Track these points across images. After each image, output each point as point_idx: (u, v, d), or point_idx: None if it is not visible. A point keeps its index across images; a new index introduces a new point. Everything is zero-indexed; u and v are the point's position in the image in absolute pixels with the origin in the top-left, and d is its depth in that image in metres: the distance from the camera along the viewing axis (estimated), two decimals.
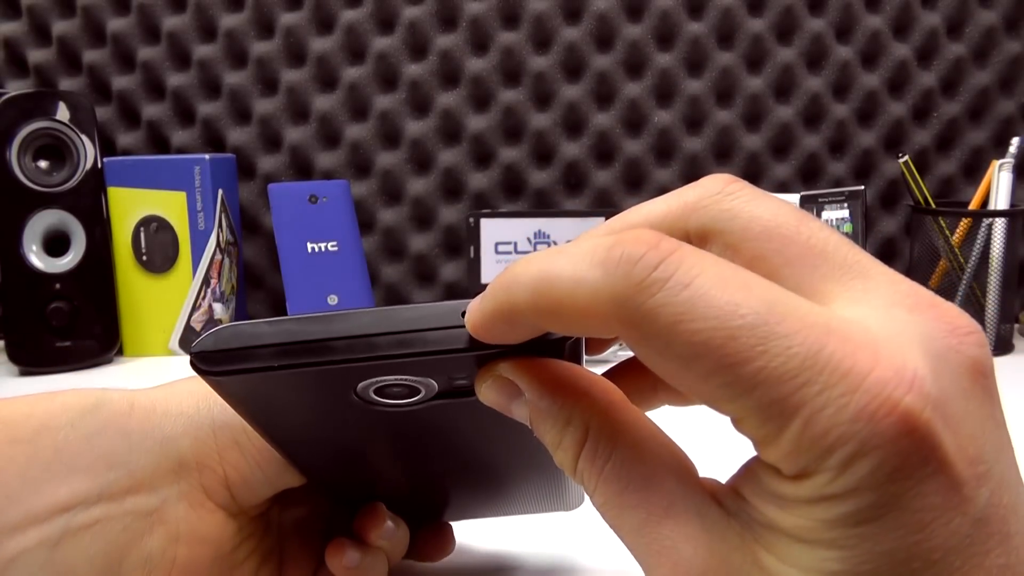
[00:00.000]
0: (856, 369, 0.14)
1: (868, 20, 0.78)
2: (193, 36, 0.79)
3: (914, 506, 0.14)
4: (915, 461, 0.14)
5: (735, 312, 0.14)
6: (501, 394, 0.19)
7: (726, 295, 0.14)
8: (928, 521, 0.14)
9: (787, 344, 0.14)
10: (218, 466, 0.25)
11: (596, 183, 0.81)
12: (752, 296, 0.14)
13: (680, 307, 0.14)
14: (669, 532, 0.16)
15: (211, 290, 0.73)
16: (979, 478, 0.15)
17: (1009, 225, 0.68)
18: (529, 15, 0.78)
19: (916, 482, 0.14)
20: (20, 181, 0.67)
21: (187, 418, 0.25)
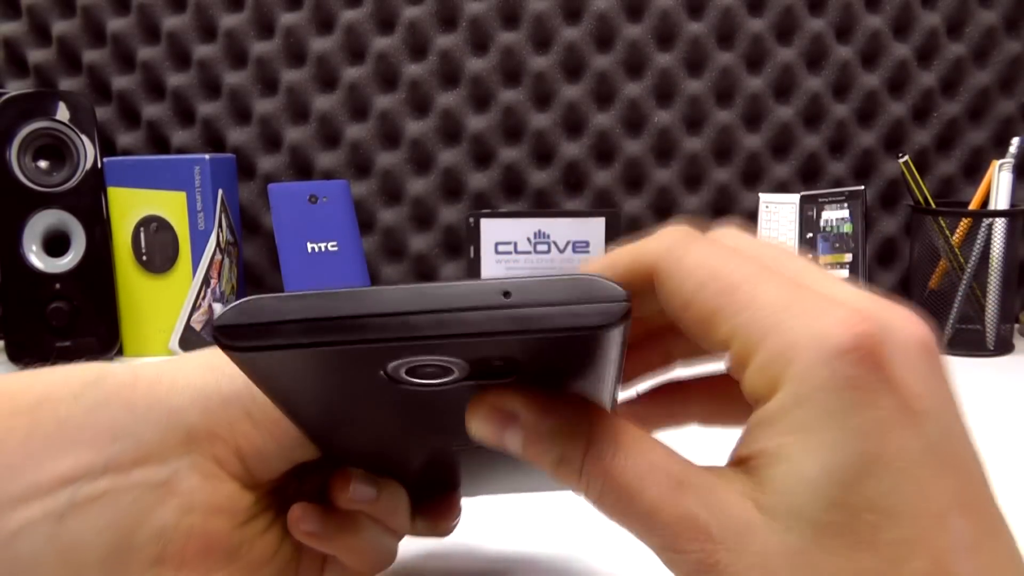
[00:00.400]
0: (822, 306, 0.18)
1: (868, 20, 0.78)
2: (193, 36, 0.79)
3: (868, 414, 0.17)
4: (866, 373, 0.17)
5: (741, 263, 0.19)
6: (493, 425, 0.20)
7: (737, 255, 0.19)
8: (884, 430, 0.17)
9: (775, 284, 0.18)
10: (230, 437, 0.25)
11: (596, 183, 0.81)
12: (753, 263, 0.19)
13: (704, 254, 0.19)
14: (684, 504, 0.18)
15: (211, 290, 0.73)
16: (926, 413, 0.17)
17: (1009, 225, 0.68)
18: (529, 15, 0.78)
19: (868, 393, 0.17)
20: (20, 181, 0.67)
21: (195, 389, 0.24)
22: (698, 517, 0.18)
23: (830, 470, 0.17)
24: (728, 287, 0.19)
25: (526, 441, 0.20)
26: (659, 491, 0.18)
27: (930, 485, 0.17)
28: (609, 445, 0.19)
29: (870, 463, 0.17)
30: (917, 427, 0.17)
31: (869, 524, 0.17)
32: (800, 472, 0.17)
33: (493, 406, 0.20)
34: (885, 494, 0.17)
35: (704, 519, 0.18)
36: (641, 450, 0.19)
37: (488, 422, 0.21)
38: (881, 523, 0.17)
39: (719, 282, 0.19)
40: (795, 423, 0.17)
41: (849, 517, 0.17)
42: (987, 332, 0.70)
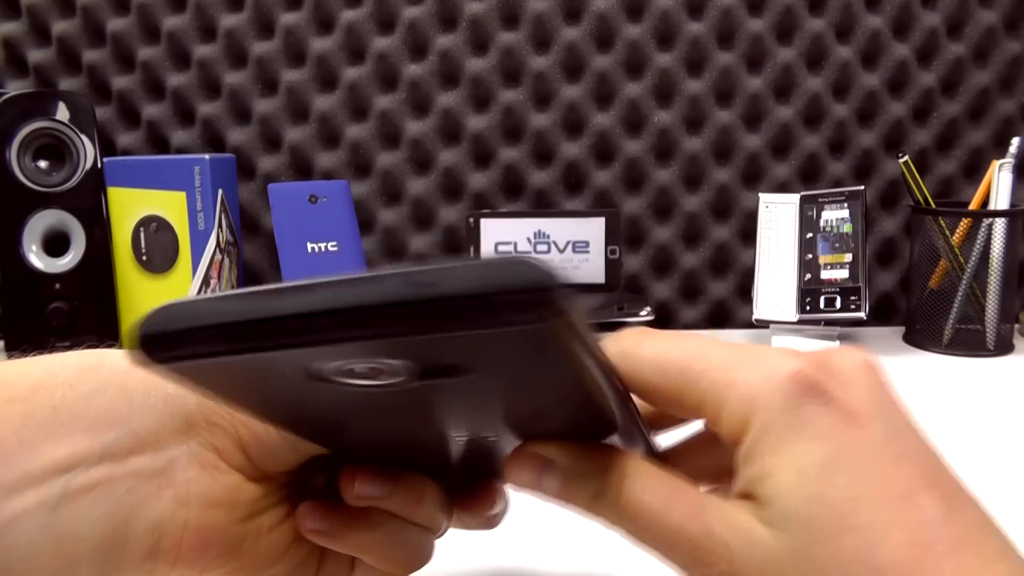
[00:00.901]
0: (761, 355, 0.22)
1: (868, 20, 0.78)
2: (193, 36, 0.79)
3: (821, 422, 0.20)
4: (811, 391, 0.20)
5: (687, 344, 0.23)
6: (531, 471, 0.23)
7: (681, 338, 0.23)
8: (836, 432, 0.20)
9: (719, 350, 0.22)
10: (230, 426, 0.24)
11: (596, 183, 0.81)
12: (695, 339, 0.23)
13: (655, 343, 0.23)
14: (706, 523, 0.21)
15: (211, 290, 0.73)
16: (870, 415, 0.20)
17: (1009, 225, 0.68)
18: (529, 15, 0.78)
19: (817, 405, 0.20)
20: (20, 181, 0.67)
21: None
22: (719, 534, 0.21)
23: (802, 471, 0.20)
24: (684, 366, 0.22)
25: (563, 483, 0.23)
26: (684, 513, 0.21)
27: (891, 470, 0.20)
28: (638, 479, 0.22)
29: (833, 459, 0.20)
30: (864, 428, 0.20)
31: (846, 511, 0.19)
32: (781, 482, 0.20)
33: (530, 454, 0.23)
34: (852, 483, 0.19)
35: (723, 535, 0.21)
36: (666, 482, 0.22)
37: (526, 469, 0.23)
38: (856, 508, 0.19)
39: (675, 364, 0.22)
40: (768, 445, 0.21)
41: (827, 507, 0.19)
42: (987, 332, 0.70)
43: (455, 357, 0.17)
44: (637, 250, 0.82)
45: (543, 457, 0.23)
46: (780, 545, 0.20)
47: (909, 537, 0.19)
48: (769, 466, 0.20)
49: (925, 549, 0.19)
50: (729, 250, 0.82)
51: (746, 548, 0.20)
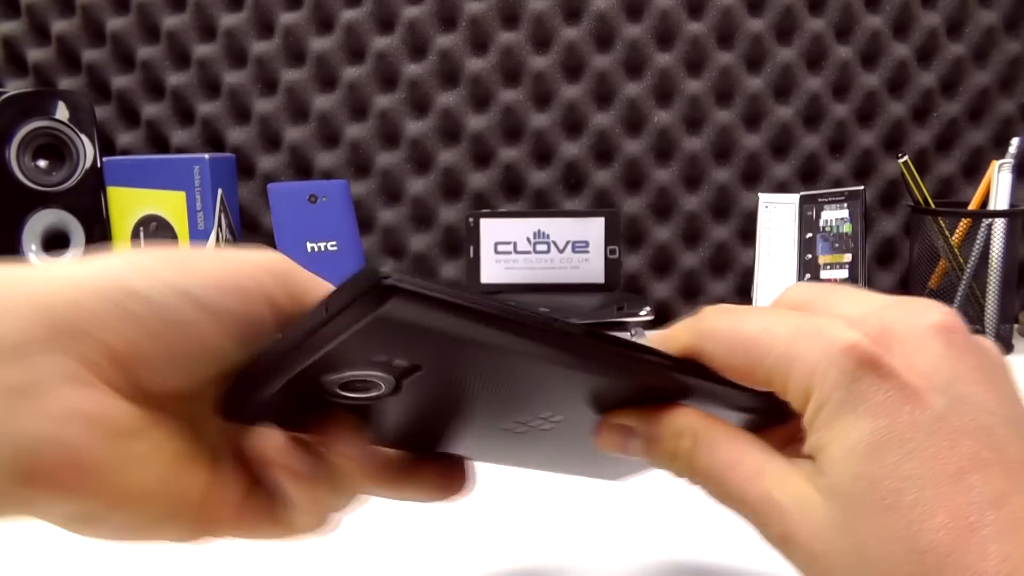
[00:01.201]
0: (821, 325, 0.22)
1: (868, 20, 0.78)
2: (193, 36, 0.79)
3: (877, 398, 0.20)
4: (867, 365, 0.20)
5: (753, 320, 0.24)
6: (618, 438, 0.25)
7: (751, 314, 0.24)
8: (891, 409, 0.20)
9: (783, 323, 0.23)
10: (100, 333, 0.20)
11: (596, 183, 0.81)
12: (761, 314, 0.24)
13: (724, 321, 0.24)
14: (764, 487, 0.22)
15: None
16: (933, 388, 0.20)
17: (1009, 225, 0.68)
18: (529, 15, 0.78)
19: (874, 381, 0.20)
20: (19, 180, 0.67)
21: (71, 281, 0.20)
22: (776, 498, 0.22)
23: (850, 449, 0.20)
24: (753, 342, 0.23)
25: (645, 447, 0.25)
26: (745, 477, 0.23)
27: (945, 449, 0.19)
28: (708, 440, 0.24)
29: (881, 438, 0.20)
30: (922, 403, 0.20)
31: (890, 490, 0.19)
32: (832, 456, 0.21)
33: (612, 423, 0.25)
34: (900, 462, 0.20)
35: (781, 500, 0.22)
36: (734, 443, 0.23)
37: (613, 436, 0.25)
38: (900, 488, 0.19)
39: (745, 341, 0.23)
40: (823, 420, 0.21)
41: (871, 485, 0.20)
42: (987, 332, 0.70)
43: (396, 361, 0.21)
44: (637, 250, 0.82)
45: (624, 426, 0.25)
46: (827, 515, 0.21)
47: (953, 519, 0.19)
48: (824, 439, 0.21)
49: (970, 532, 0.18)
50: (729, 250, 0.82)
51: (801, 514, 0.21)
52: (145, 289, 0.21)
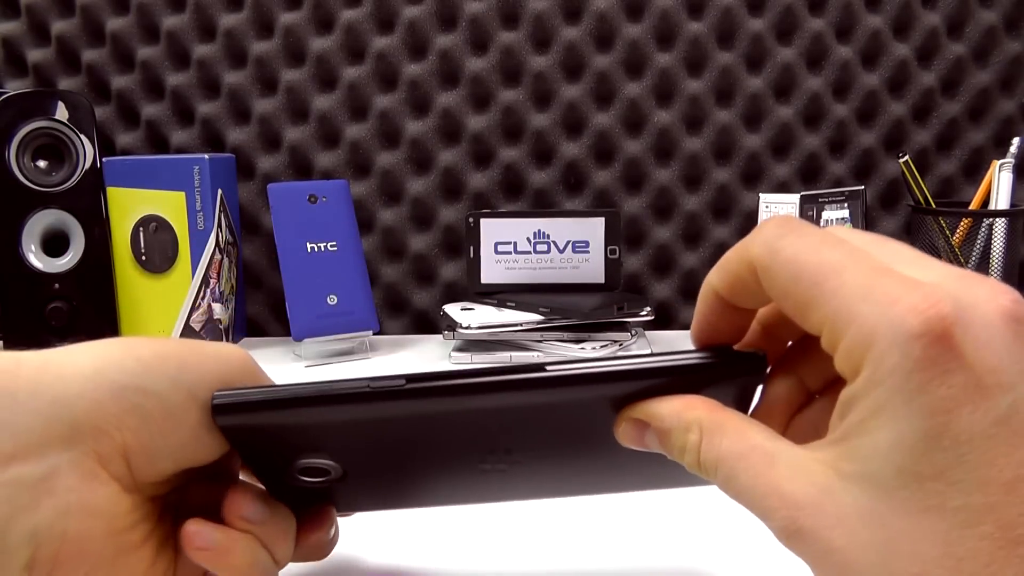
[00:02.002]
0: (899, 291, 0.19)
1: (868, 20, 0.78)
2: (192, 36, 0.79)
3: (939, 393, 0.18)
4: (936, 356, 0.18)
5: (828, 253, 0.21)
6: (636, 431, 0.25)
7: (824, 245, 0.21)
8: (951, 407, 0.18)
9: (859, 272, 0.20)
10: (116, 431, 0.23)
11: (596, 183, 0.81)
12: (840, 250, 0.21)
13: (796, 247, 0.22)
14: (773, 478, 0.21)
15: (210, 290, 0.73)
16: (1000, 387, 0.18)
17: (1009, 225, 0.68)
18: (529, 15, 0.78)
19: (938, 373, 0.18)
20: (19, 181, 0.67)
21: (84, 378, 0.23)
22: (785, 489, 0.21)
23: (899, 442, 0.19)
24: (817, 279, 0.21)
25: (660, 440, 0.25)
26: (756, 469, 0.22)
27: (1001, 456, 0.18)
28: (716, 432, 0.23)
29: (936, 437, 0.18)
30: (987, 401, 0.18)
31: (936, 492, 0.18)
32: (875, 444, 0.19)
33: (628, 418, 0.25)
34: (952, 465, 0.18)
35: (790, 490, 0.20)
36: (743, 434, 0.23)
37: (630, 430, 0.25)
38: (948, 491, 0.18)
39: (809, 275, 0.21)
40: (872, 402, 0.19)
41: (917, 483, 0.19)
42: None
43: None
44: (637, 250, 0.82)
45: (640, 420, 0.25)
46: (854, 503, 0.19)
47: (999, 530, 0.18)
48: (869, 424, 0.20)
49: (1014, 545, 0.18)
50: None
51: (814, 503, 0.20)
52: (157, 387, 0.23)
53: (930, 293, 0.19)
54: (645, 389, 0.25)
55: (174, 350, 0.25)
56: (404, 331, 0.83)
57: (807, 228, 0.22)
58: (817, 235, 0.22)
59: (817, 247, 0.21)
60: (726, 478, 0.22)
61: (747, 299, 0.24)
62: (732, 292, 0.24)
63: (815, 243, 0.22)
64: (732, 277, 0.24)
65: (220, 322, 0.74)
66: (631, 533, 0.39)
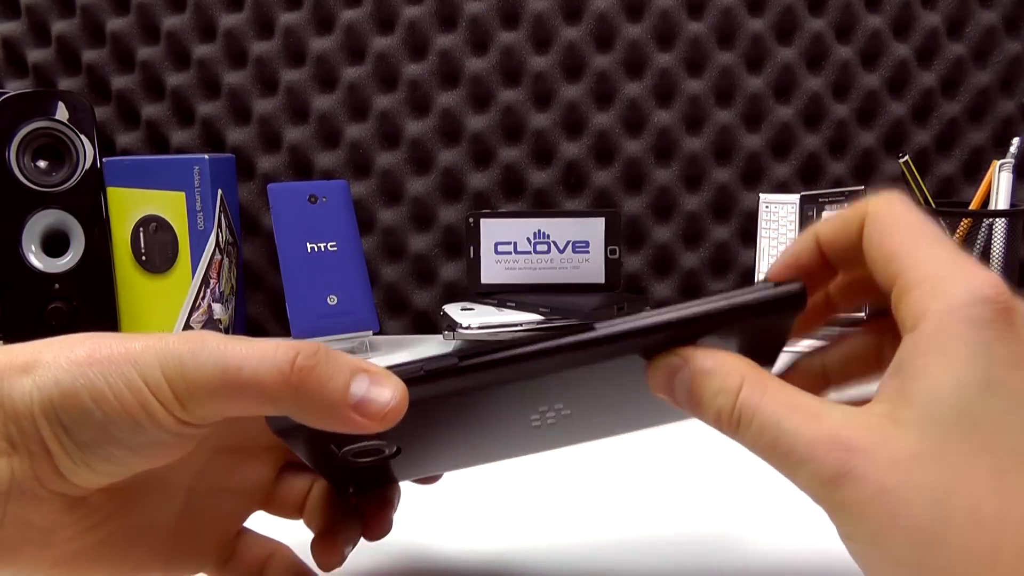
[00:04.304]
0: (973, 270, 0.22)
1: (868, 20, 0.78)
2: (192, 36, 0.79)
3: (998, 351, 0.21)
4: (1000, 321, 0.21)
5: (932, 226, 0.24)
6: (667, 374, 0.25)
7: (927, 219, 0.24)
8: (1008, 364, 0.21)
9: (945, 248, 0.23)
10: (44, 455, 0.23)
11: (596, 183, 0.81)
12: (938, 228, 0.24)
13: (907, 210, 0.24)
14: (824, 425, 0.22)
15: (210, 290, 0.73)
16: None
17: (1009, 225, 0.68)
18: (529, 15, 0.78)
19: (999, 336, 0.21)
20: (19, 181, 0.67)
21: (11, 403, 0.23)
22: (837, 433, 0.21)
23: (962, 385, 0.21)
24: (912, 237, 0.23)
25: (693, 381, 0.25)
26: (800, 420, 0.22)
27: None
28: (759, 385, 0.23)
29: (997, 385, 0.20)
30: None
31: (991, 431, 0.20)
32: (936, 386, 0.21)
33: (663, 361, 0.25)
34: (1005, 412, 0.20)
35: (842, 435, 0.21)
36: (785, 391, 0.23)
37: (661, 372, 0.25)
38: (1001, 432, 0.20)
39: (908, 232, 0.24)
40: (937, 345, 0.21)
41: (974, 425, 0.20)
42: None
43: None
44: (637, 250, 0.82)
45: (674, 362, 0.25)
46: (910, 447, 0.21)
47: None
48: (930, 366, 0.21)
49: None
50: (729, 250, 0.81)
51: (868, 447, 0.21)
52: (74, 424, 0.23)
53: (998, 279, 0.22)
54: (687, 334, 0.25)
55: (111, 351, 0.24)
56: (404, 331, 0.83)
57: (915, 206, 0.25)
58: (920, 213, 0.25)
59: (921, 219, 0.24)
60: (764, 424, 0.23)
61: (840, 251, 0.26)
62: (832, 238, 0.26)
63: (923, 216, 0.24)
64: (840, 223, 0.26)
65: (220, 322, 0.74)
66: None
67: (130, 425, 0.23)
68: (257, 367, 0.23)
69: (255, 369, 0.23)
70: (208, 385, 0.23)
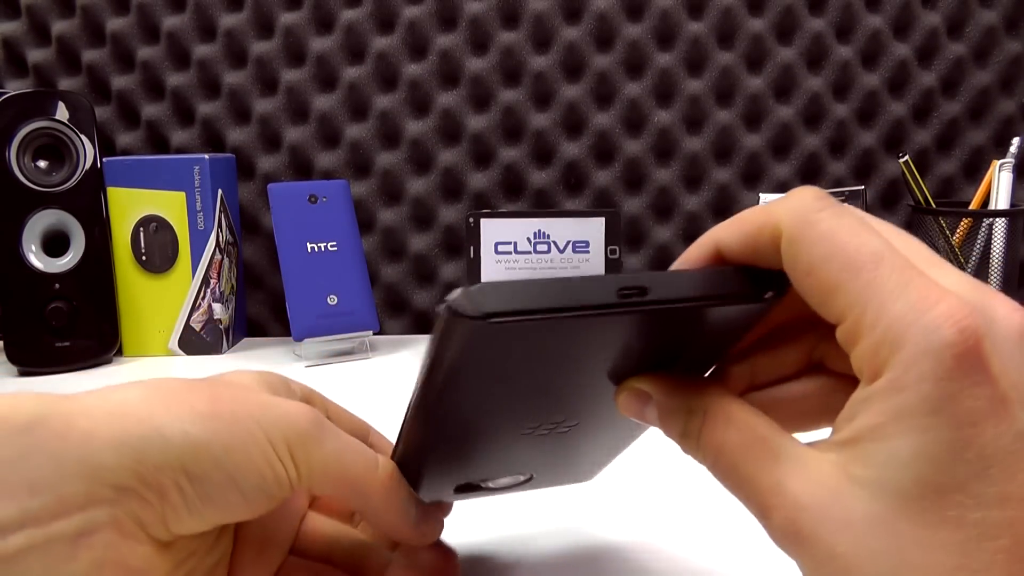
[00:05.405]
0: (933, 298, 0.19)
1: (868, 20, 0.78)
2: (193, 36, 0.79)
3: (966, 405, 0.18)
4: (967, 367, 0.18)
5: (868, 239, 0.20)
6: (636, 402, 0.24)
7: (863, 228, 0.20)
8: (978, 420, 0.18)
9: (894, 267, 0.19)
10: (156, 503, 0.24)
11: (596, 183, 0.81)
12: (879, 238, 0.20)
13: (833, 224, 0.20)
14: (777, 475, 0.20)
15: (211, 290, 0.73)
16: (1019, 401, 0.18)
17: (1009, 225, 0.68)
18: (529, 15, 0.78)
19: (967, 385, 0.18)
20: (19, 181, 0.67)
21: (132, 452, 0.23)
22: (788, 486, 0.20)
23: (923, 451, 0.18)
24: (851, 265, 0.20)
25: (660, 416, 0.24)
26: (758, 463, 0.21)
27: (1020, 471, 0.18)
28: (721, 420, 0.22)
29: (961, 449, 0.18)
30: (1011, 416, 0.18)
31: (955, 503, 0.18)
32: (894, 451, 0.19)
33: (633, 388, 0.25)
34: (974, 478, 0.18)
35: (793, 488, 0.20)
36: (748, 424, 0.22)
37: (632, 400, 0.25)
38: (967, 503, 0.18)
39: (844, 258, 0.20)
40: (895, 407, 0.19)
41: (936, 495, 0.18)
42: None
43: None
44: (637, 250, 0.82)
45: (643, 391, 0.24)
46: (864, 510, 0.19)
47: (1015, 543, 0.18)
48: (889, 430, 0.19)
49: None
50: None
51: (820, 505, 0.19)
52: (202, 475, 0.24)
53: (963, 304, 0.19)
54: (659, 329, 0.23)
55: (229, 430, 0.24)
56: (404, 331, 0.83)
57: (844, 207, 0.21)
58: (855, 216, 0.21)
59: (856, 230, 0.20)
60: (726, 468, 0.22)
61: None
62: (740, 253, 0.23)
63: (855, 225, 0.20)
64: (747, 238, 0.22)
65: (220, 322, 0.74)
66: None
67: (255, 477, 0.24)
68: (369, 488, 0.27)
69: (369, 486, 0.27)
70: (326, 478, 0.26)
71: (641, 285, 0.21)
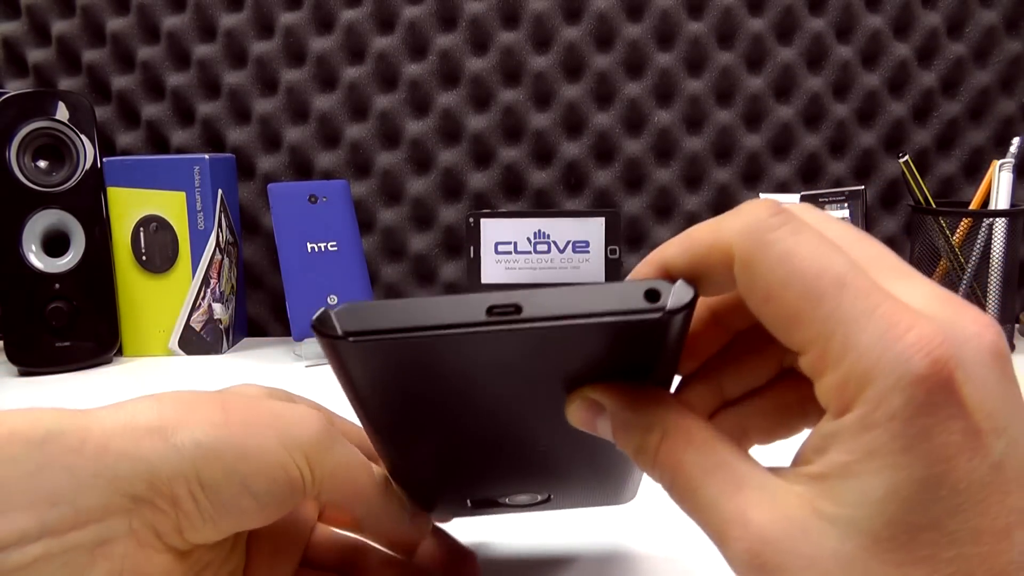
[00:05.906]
0: (903, 326, 0.18)
1: (868, 20, 0.78)
2: (193, 36, 0.79)
3: (939, 440, 0.17)
4: (939, 401, 0.17)
5: (829, 260, 0.19)
6: (587, 413, 0.23)
7: (824, 248, 0.19)
8: (951, 455, 0.17)
9: (858, 291, 0.18)
10: (171, 512, 0.24)
11: (596, 183, 0.81)
12: (842, 257, 0.19)
13: (790, 244, 0.19)
14: (740, 503, 0.19)
15: (211, 290, 0.73)
16: (995, 431, 0.17)
17: (1009, 225, 0.68)
18: (529, 15, 0.78)
19: (940, 420, 0.17)
20: (19, 181, 0.67)
21: (146, 463, 0.23)
22: (752, 517, 0.19)
23: (894, 491, 0.17)
24: (812, 292, 0.18)
25: (613, 428, 0.22)
26: (719, 488, 0.20)
27: (995, 504, 0.17)
28: (681, 439, 0.21)
29: (934, 486, 0.17)
30: (984, 448, 0.17)
31: (928, 542, 0.17)
32: (865, 490, 0.18)
33: (585, 397, 0.23)
34: (947, 515, 0.17)
35: (757, 519, 0.19)
36: (711, 448, 0.21)
37: (582, 411, 0.23)
38: (941, 541, 0.17)
39: (803, 285, 0.19)
40: (865, 444, 0.18)
41: (908, 534, 0.17)
42: None
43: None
44: (637, 250, 0.82)
45: (595, 401, 0.23)
46: (833, 549, 0.18)
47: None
48: (858, 468, 0.18)
49: None
50: None
51: (787, 539, 0.18)
52: (215, 483, 0.24)
53: (934, 330, 0.18)
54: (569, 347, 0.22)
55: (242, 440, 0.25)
56: None
57: (800, 222, 0.19)
58: (814, 234, 0.19)
59: (815, 249, 0.19)
60: (683, 490, 0.20)
61: (705, 288, 0.21)
62: (687, 275, 0.21)
63: (813, 243, 0.19)
64: (696, 259, 0.21)
65: (220, 322, 0.74)
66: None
67: (267, 482, 0.25)
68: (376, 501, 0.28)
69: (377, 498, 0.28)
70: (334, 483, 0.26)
71: (515, 303, 0.20)
